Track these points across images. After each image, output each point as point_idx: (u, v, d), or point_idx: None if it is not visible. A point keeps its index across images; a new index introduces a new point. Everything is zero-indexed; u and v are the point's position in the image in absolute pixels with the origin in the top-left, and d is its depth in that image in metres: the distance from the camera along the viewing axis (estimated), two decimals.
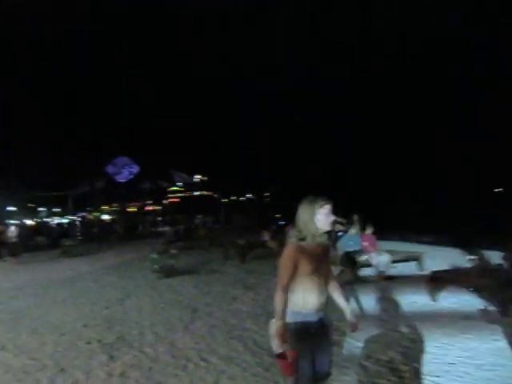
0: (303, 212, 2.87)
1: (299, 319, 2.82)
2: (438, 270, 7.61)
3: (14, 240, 16.58)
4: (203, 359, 4.98)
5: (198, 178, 45.87)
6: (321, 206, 2.84)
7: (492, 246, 7.74)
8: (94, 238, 23.87)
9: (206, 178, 50.59)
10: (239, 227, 26.39)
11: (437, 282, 7.15)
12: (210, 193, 55.23)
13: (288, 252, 2.82)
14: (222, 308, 7.46)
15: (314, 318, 2.84)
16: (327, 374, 2.97)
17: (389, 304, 7.15)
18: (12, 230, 17.06)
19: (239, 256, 13.11)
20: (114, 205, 48.11)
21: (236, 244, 13.85)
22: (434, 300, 7.05)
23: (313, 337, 2.83)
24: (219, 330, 6.14)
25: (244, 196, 56.40)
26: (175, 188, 48.44)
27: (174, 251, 12.25)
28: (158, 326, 6.49)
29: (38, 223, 35.23)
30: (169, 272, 10.93)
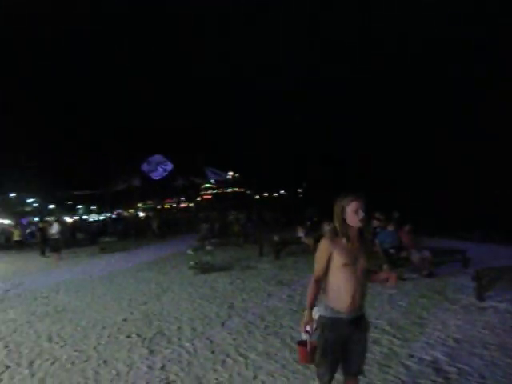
0: (335, 208, 2.94)
1: (330, 314, 2.87)
2: (483, 267, 7.36)
3: (56, 237, 17.07)
4: (241, 355, 5.00)
5: (230, 174, 45.92)
6: (349, 203, 2.87)
7: None
8: (130, 235, 24.39)
9: (238, 175, 50.66)
10: (273, 223, 26.41)
11: (482, 279, 6.90)
12: (242, 189, 55.36)
13: (321, 246, 2.93)
14: (258, 304, 7.47)
15: (346, 315, 2.84)
16: (356, 373, 2.98)
17: (430, 302, 6.96)
18: (55, 227, 17.56)
19: (274, 252, 13.08)
20: (149, 202, 49.02)
21: (271, 240, 13.82)
22: (480, 298, 6.80)
23: (343, 334, 2.85)
24: (256, 326, 6.15)
25: (277, 192, 56.12)
26: (208, 185, 48.71)
27: (209, 247, 12.36)
28: (195, 321, 6.57)
29: (75, 221, 36.30)
30: (205, 268, 11.04)
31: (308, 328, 2.87)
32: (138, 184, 30.31)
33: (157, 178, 31.07)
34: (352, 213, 2.84)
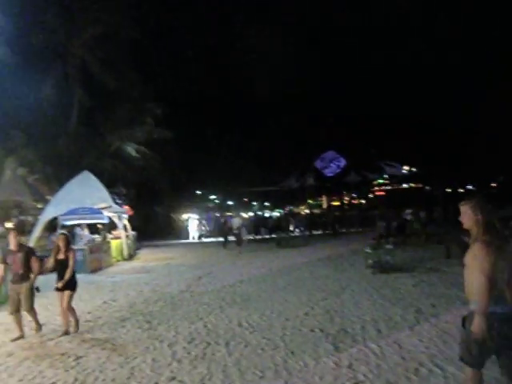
0: None
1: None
2: None
3: (237, 231, 18.51)
4: (437, 366, 4.54)
5: (406, 169, 42.73)
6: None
7: None
8: (304, 231, 25.02)
9: (415, 169, 46.86)
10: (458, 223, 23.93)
11: None
12: (420, 185, 51.57)
13: None
14: (451, 312, 6.75)
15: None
16: None
17: None
18: (236, 222, 19.11)
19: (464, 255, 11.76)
20: (320, 199, 49.61)
21: (460, 241, 12.49)
22: None
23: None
24: (452, 337, 5.48)
25: (463, 187, 50.14)
26: (381, 181, 46.56)
27: (389, 246, 11.82)
28: (379, 322, 6.32)
29: (250, 216, 38.65)
30: (384, 268, 10.60)
31: None
32: (312, 182, 30.96)
33: (330, 175, 31.31)
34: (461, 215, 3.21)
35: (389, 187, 50.78)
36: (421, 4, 36.98)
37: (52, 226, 16.17)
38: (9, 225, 21.75)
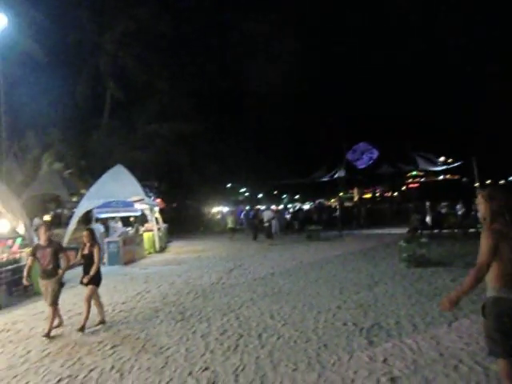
0: None
1: None
2: None
3: (267, 224, 18.48)
4: (478, 364, 4.36)
5: (441, 160, 41.11)
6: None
7: None
8: (335, 224, 24.80)
9: (451, 160, 45.09)
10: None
11: None
12: (456, 177, 49.80)
13: None
14: None
15: None
16: None
17: None
18: (267, 215, 19.06)
19: None
20: (351, 191, 48.90)
21: None
22: None
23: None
24: None
25: (504, 179, 47.76)
26: (415, 173, 45.15)
27: (424, 240, 11.52)
28: (415, 317, 6.16)
29: (281, 209, 38.51)
30: (419, 261, 10.34)
31: None
32: (343, 174, 30.43)
33: (362, 167, 30.74)
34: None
35: (423, 179, 49.29)
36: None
37: (87, 218, 16.60)
38: (46, 218, 22.53)
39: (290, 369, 4.50)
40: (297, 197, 65.87)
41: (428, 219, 17.85)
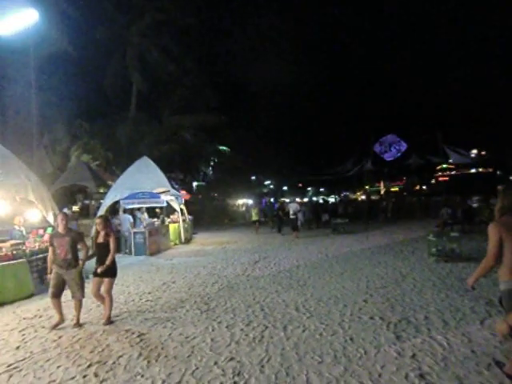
0: None
1: None
2: None
3: (294, 216, 18.30)
4: None
5: (474, 152, 39.37)
6: None
7: None
8: (361, 217, 24.49)
9: (484, 153, 43.46)
10: None
11: None
12: (489, 170, 48.08)
13: None
14: None
15: None
16: None
17: None
18: (294, 207, 18.84)
19: None
20: (377, 184, 48.21)
21: None
22: None
23: None
24: None
25: None
26: (445, 165, 43.81)
27: (454, 234, 11.21)
28: (445, 313, 6.00)
29: (307, 202, 38.29)
30: (449, 256, 10.09)
31: None
32: (370, 167, 30.00)
33: (389, 159, 30.28)
34: None
35: (453, 172, 47.80)
36: None
37: (114, 209, 16.89)
38: (75, 208, 23.05)
39: (316, 361, 4.47)
40: (322, 189, 65.42)
41: (459, 213, 17.34)
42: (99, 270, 5.96)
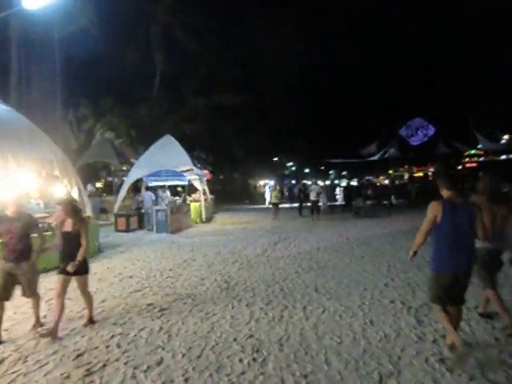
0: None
1: None
2: None
3: (316, 199, 18.18)
4: None
5: (505, 138, 37.75)
6: None
7: None
8: (384, 202, 24.17)
9: None
10: None
11: None
12: None
13: None
14: None
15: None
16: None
17: None
18: (316, 189, 18.69)
19: None
20: (401, 169, 47.42)
21: None
22: None
23: None
24: None
25: None
26: (473, 151, 42.35)
27: None
28: (469, 300, 5.64)
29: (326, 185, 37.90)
30: None
31: None
32: (395, 151, 29.39)
33: (415, 144, 29.60)
34: None
35: (482, 158, 46.36)
36: None
37: (137, 187, 17.12)
38: (99, 185, 23.43)
39: (335, 342, 4.48)
40: (344, 173, 64.76)
41: None
42: (69, 269, 4.74)
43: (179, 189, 19.95)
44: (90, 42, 20.91)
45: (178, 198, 17.48)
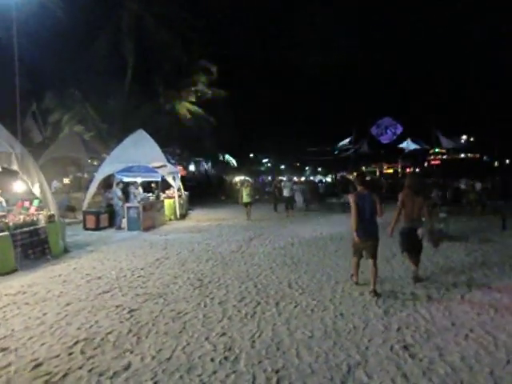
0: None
1: None
2: None
3: (289, 195, 18.24)
4: (488, 333, 4.62)
5: (464, 138, 40.72)
6: None
7: None
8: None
9: (473, 139, 44.74)
10: None
11: None
12: (476, 155, 49.34)
13: None
14: (503, 282, 6.74)
15: None
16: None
17: None
18: (289, 186, 18.74)
19: None
20: (373, 165, 48.54)
21: None
22: None
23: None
24: (504, 306, 5.50)
25: None
26: (437, 149, 44.44)
27: (442, 215, 11.45)
28: (430, 288, 6.31)
29: (301, 181, 38.30)
30: (436, 236, 10.27)
31: None
32: (367, 150, 30.04)
33: (385, 142, 30.26)
34: None
35: (445, 156, 48.76)
36: None
37: (107, 183, 16.74)
38: (66, 181, 22.74)
39: (307, 336, 4.58)
40: (319, 169, 65.50)
41: (448, 195, 17.68)
42: None
43: (153, 185, 19.64)
44: (57, 29, 19.71)
45: (151, 194, 17.24)
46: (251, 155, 48.26)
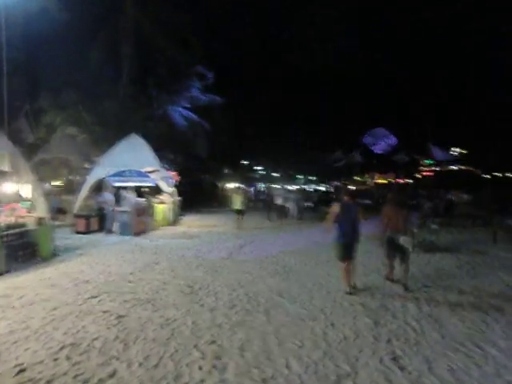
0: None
1: None
2: None
3: (280, 203, 18.32)
4: (477, 346, 4.60)
5: (456, 151, 41.26)
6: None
7: None
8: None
9: (465, 152, 45.28)
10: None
11: None
12: (469, 167, 49.86)
13: None
14: (494, 295, 6.72)
15: None
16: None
17: None
18: (281, 195, 18.88)
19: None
20: (366, 175, 48.75)
21: (506, 225, 12.12)
22: None
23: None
24: (495, 319, 5.52)
25: None
26: (430, 161, 44.94)
27: (434, 226, 11.55)
28: (421, 300, 6.30)
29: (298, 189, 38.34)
30: (428, 247, 10.38)
31: None
32: (359, 159, 30.24)
33: (379, 152, 30.48)
34: None
35: (437, 168, 49.29)
36: None
37: (99, 186, 16.58)
38: (58, 183, 22.49)
39: (296, 346, 4.54)
40: (313, 178, 65.71)
41: (440, 207, 17.83)
42: None
43: (146, 189, 19.50)
44: (54, 29, 19.53)
45: (143, 199, 17.11)
46: (244, 162, 48.17)
